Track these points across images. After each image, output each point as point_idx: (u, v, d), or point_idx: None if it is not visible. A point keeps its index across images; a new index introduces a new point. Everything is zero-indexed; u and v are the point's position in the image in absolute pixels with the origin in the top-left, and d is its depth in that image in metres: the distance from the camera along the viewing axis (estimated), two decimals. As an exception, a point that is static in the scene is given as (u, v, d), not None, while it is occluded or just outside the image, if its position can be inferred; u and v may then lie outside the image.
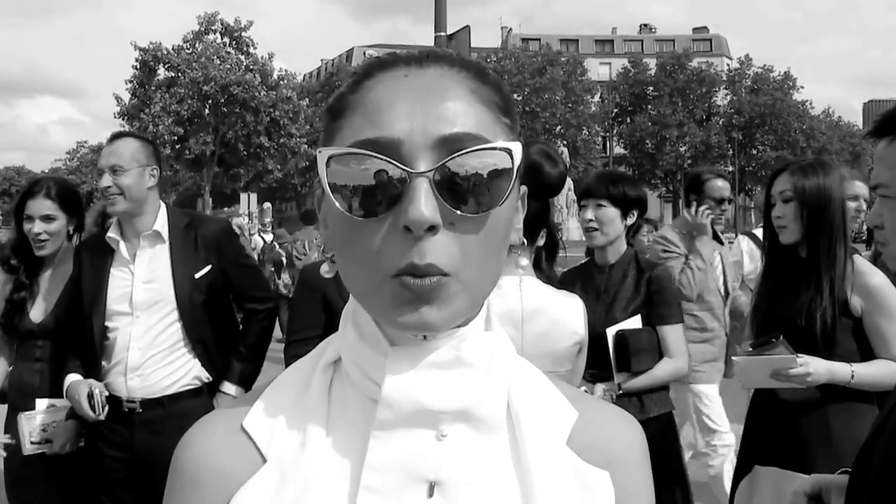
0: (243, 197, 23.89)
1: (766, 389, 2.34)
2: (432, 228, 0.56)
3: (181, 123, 34.85)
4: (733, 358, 2.39)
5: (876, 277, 2.29)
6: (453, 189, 0.57)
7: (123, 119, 35.66)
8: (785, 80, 54.10)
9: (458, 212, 0.58)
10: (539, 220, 1.94)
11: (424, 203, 0.56)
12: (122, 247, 2.70)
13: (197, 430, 0.69)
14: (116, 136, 2.77)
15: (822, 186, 2.33)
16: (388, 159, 0.57)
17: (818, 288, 2.28)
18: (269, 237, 13.43)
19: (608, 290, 2.68)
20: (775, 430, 2.36)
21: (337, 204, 0.59)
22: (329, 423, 0.65)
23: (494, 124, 0.62)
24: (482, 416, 0.63)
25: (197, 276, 2.70)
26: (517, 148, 0.59)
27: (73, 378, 2.68)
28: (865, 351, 2.29)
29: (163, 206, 2.78)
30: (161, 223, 2.72)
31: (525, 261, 0.47)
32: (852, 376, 2.20)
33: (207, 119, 35.69)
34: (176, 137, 34.75)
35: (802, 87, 55.93)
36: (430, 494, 0.61)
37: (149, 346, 2.65)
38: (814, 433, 2.26)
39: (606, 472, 0.67)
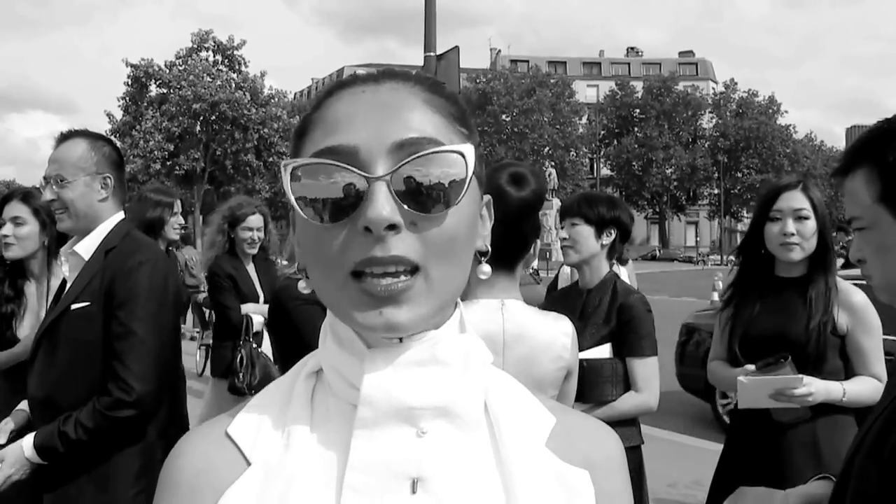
0: (233, 214, 23.90)
1: (751, 410, 2.30)
2: (393, 228, 0.58)
3: (172, 140, 34.98)
4: (739, 378, 2.25)
5: (858, 296, 2.30)
6: (411, 192, 0.59)
7: (116, 136, 35.75)
8: (769, 105, 54.94)
9: (418, 212, 0.60)
10: (514, 244, 1.88)
11: (383, 204, 0.58)
12: (63, 266, 2.29)
13: (189, 439, 0.70)
14: (63, 138, 2.27)
15: (826, 205, 2.36)
16: (346, 166, 0.59)
17: (814, 306, 2.29)
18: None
19: (583, 316, 2.57)
20: (762, 449, 2.33)
21: (301, 212, 0.61)
22: (312, 428, 0.66)
23: (449, 132, 0.64)
24: (460, 412, 0.65)
25: (73, 307, 2.12)
26: (469, 150, 0.61)
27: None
28: (849, 369, 2.32)
29: (114, 220, 2.25)
30: (89, 242, 2.20)
31: (487, 268, 0.49)
32: (844, 394, 2.21)
33: (199, 136, 35.84)
34: (167, 153, 34.86)
35: (787, 112, 56.80)
36: (414, 491, 0.62)
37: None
38: (801, 449, 2.25)
39: (586, 471, 0.68)
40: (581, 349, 2.41)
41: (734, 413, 2.45)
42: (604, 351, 2.51)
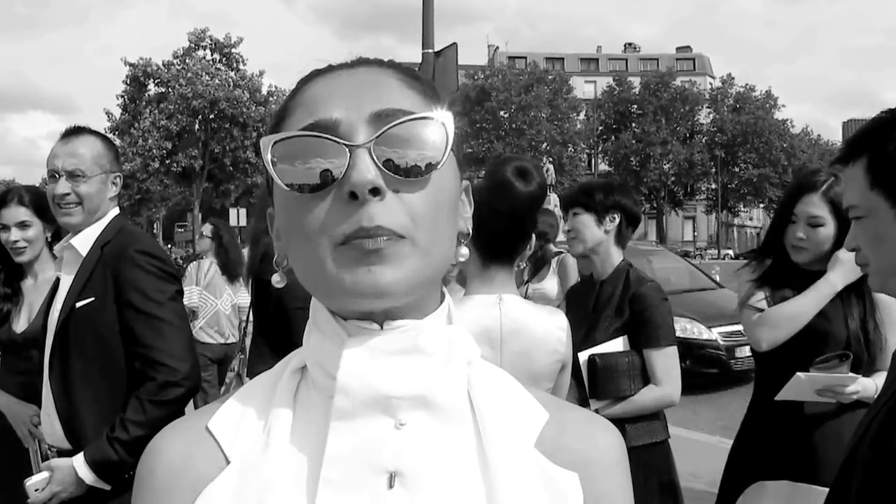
0: (232, 212, 23.98)
1: (778, 403, 2.25)
2: (377, 192, 0.58)
3: (170, 138, 34.95)
4: (798, 374, 2.17)
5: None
6: (393, 158, 0.60)
7: (114, 134, 35.71)
8: (766, 99, 54.91)
9: (401, 177, 0.60)
10: (517, 238, 1.91)
11: (367, 167, 0.58)
12: (57, 263, 2.33)
13: (165, 434, 0.68)
14: (74, 132, 2.30)
15: None
16: (327, 136, 0.59)
17: (856, 305, 2.25)
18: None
19: (596, 308, 2.54)
20: (787, 442, 2.28)
21: (283, 185, 0.60)
22: (293, 426, 0.65)
23: (426, 105, 0.65)
24: (440, 402, 0.63)
25: (78, 304, 2.12)
26: (448, 117, 0.62)
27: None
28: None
29: (110, 216, 2.30)
30: (85, 237, 2.22)
31: (464, 250, 0.52)
32: (876, 391, 2.14)
33: (197, 135, 35.81)
34: (165, 152, 34.84)
35: (784, 106, 56.73)
36: (391, 485, 0.60)
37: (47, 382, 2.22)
38: (828, 443, 2.20)
39: (575, 474, 0.66)
40: (595, 343, 2.46)
41: (751, 408, 2.43)
42: (617, 344, 2.46)
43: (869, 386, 2.18)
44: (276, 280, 0.69)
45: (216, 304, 5.72)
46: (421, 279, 0.62)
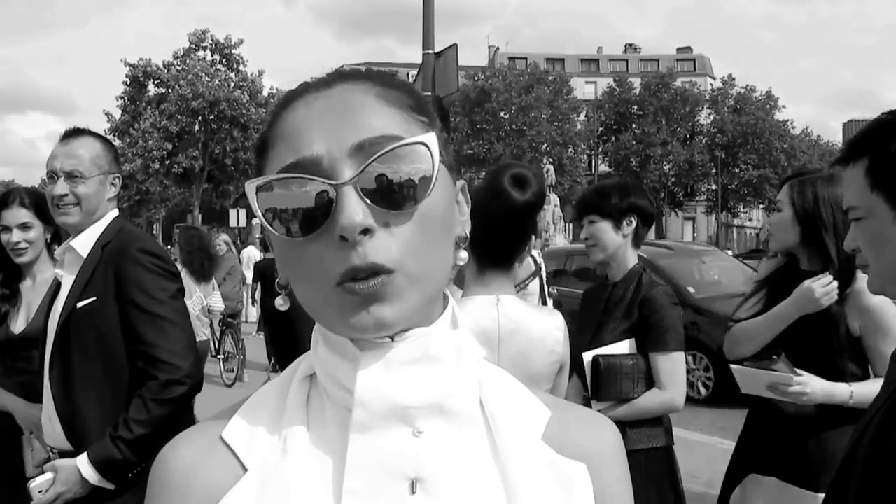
0: (232, 213, 24.01)
1: (773, 402, 2.28)
2: (367, 232, 0.58)
3: (170, 139, 34.96)
4: (731, 366, 2.27)
5: (873, 298, 2.16)
6: (380, 191, 0.59)
7: (114, 135, 35.70)
8: (767, 100, 54.89)
9: (390, 210, 0.59)
10: (515, 241, 1.93)
11: (354, 209, 0.58)
12: (58, 266, 2.34)
13: (180, 441, 0.68)
14: (73, 134, 2.32)
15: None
16: (311, 177, 0.59)
17: (833, 308, 2.23)
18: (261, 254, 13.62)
19: (607, 310, 2.53)
20: (775, 441, 2.31)
21: (273, 230, 0.61)
22: (309, 433, 0.65)
23: (408, 122, 0.64)
24: (455, 408, 0.65)
25: (79, 305, 2.14)
26: (431, 139, 0.61)
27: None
28: (865, 371, 2.26)
29: (109, 217, 2.32)
30: (85, 238, 2.24)
31: (464, 253, 0.54)
32: (851, 396, 2.14)
33: (197, 135, 35.81)
34: (165, 153, 34.84)
35: (784, 107, 56.73)
36: (413, 491, 0.62)
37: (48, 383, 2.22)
38: (813, 452, 2.20)
39: (583, 464, 0.69)
40: (601, 344, 2.46)
41: (752, 403, 2.45)
42: (622, 347, 2.45)
43: (835, 391, 2.15)
44: (279, 303, 0.69)
45: (187, 305, 6.04)
46: (421, 305, 0.63)
